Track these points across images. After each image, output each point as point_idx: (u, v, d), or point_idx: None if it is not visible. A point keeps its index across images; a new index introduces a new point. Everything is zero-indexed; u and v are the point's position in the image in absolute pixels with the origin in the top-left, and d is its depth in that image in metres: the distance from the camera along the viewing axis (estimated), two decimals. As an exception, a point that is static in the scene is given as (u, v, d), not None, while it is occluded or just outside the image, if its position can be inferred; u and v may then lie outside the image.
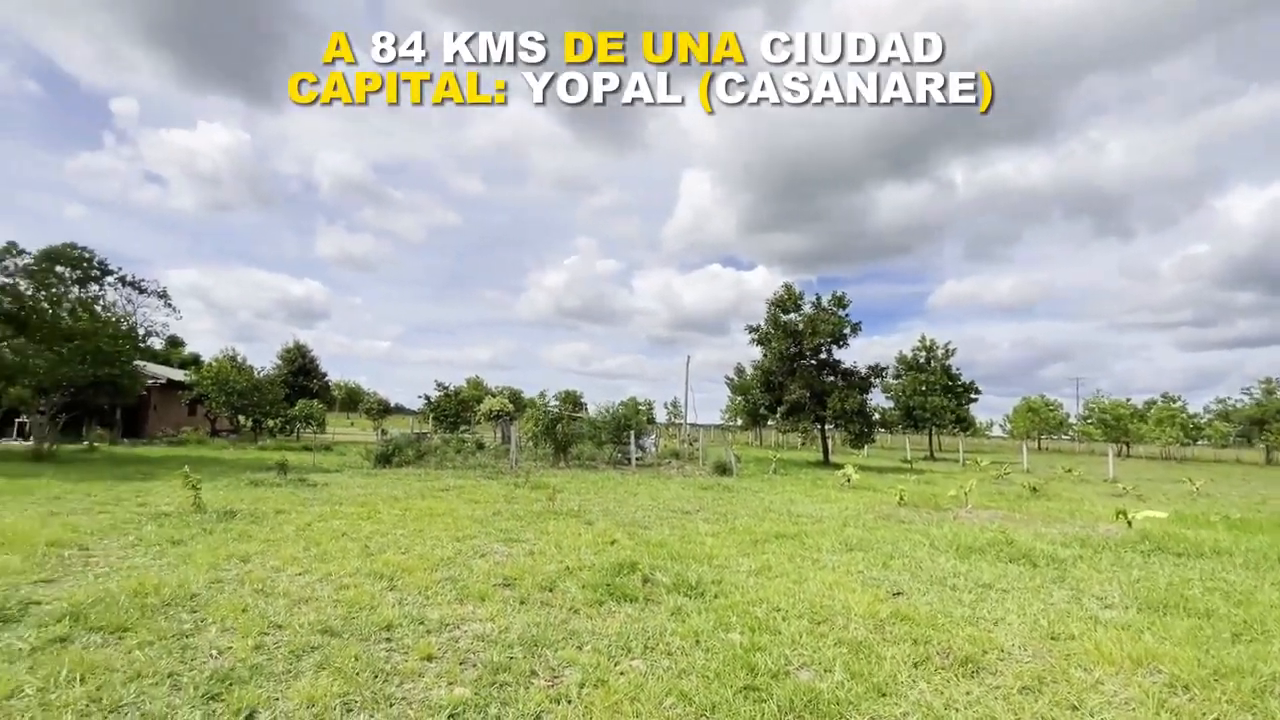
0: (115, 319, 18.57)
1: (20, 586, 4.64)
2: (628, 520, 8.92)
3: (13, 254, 18.83)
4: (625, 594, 4.96)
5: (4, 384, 15.56)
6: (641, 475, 17.03)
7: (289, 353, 48.09)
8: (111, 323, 18.04)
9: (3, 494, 9.34)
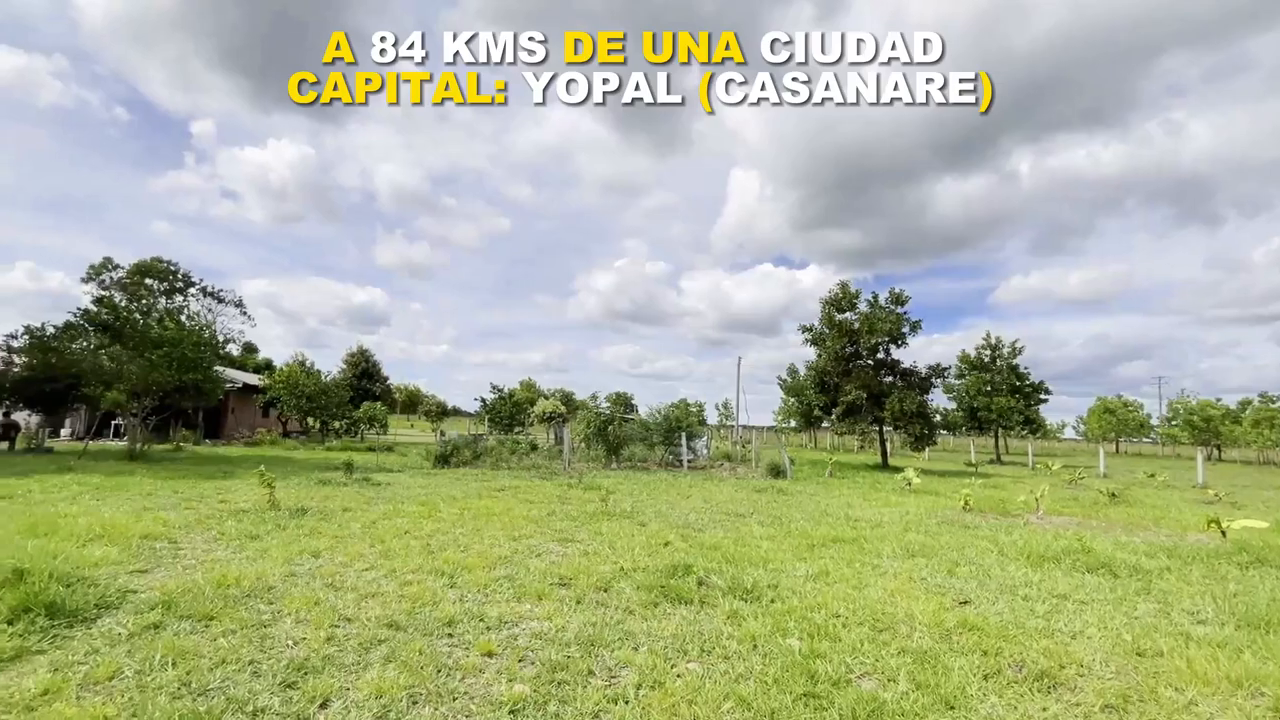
0: (198, 327, 19.85)
1: (119, 575, 5.01)
2: (681, 522, 8.89)
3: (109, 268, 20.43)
4: (680, 596, 4.94)
5: (103, 389, 16.87)
6: (693, 477, 16.95)
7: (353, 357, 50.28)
8: (194, 330, 19.30)
9: (103, 490, 10.11)
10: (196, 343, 18.58)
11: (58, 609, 3.95)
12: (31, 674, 3.19)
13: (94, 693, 3.04)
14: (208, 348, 19.55)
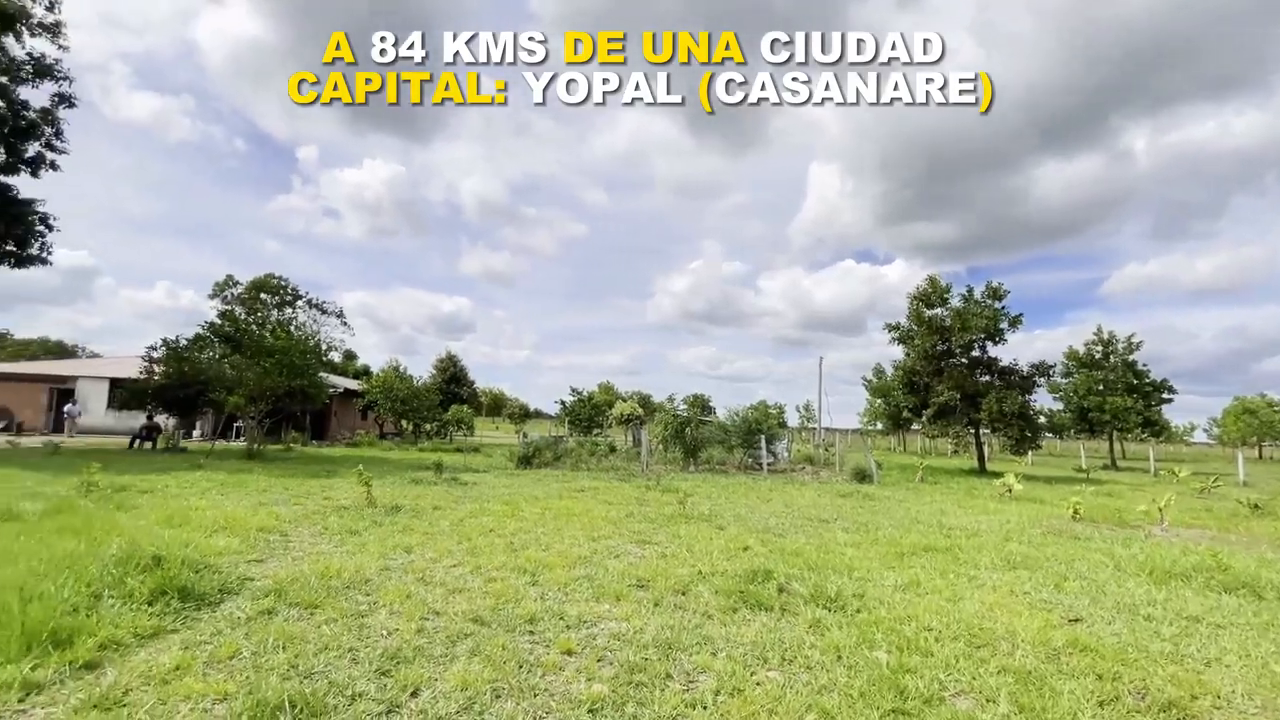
0: (305, 336, 21.52)
1: (239, 564, 5.48)
2: (760, 526, 8.71)
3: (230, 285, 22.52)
4: (760, 602, 4.83)
5: (226, 394, 18.64)
6: (774, 481, 16.59)
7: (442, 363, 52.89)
8: (302, 339, 20.96)
9: (226, 486, 11.14)
10: (303, 351, 20.15)
11: (188, 593, 4.37)
12: (166, 650, 3.54)
13: (217, 670, 3.33)
14: (313, 355, 21.15)
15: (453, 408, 37.99)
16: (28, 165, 19.61)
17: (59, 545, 5.21)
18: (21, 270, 20.54)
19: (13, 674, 3.06)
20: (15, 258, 20.00)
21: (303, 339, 21.11)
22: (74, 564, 4.55)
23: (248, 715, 2.80)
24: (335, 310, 25.18)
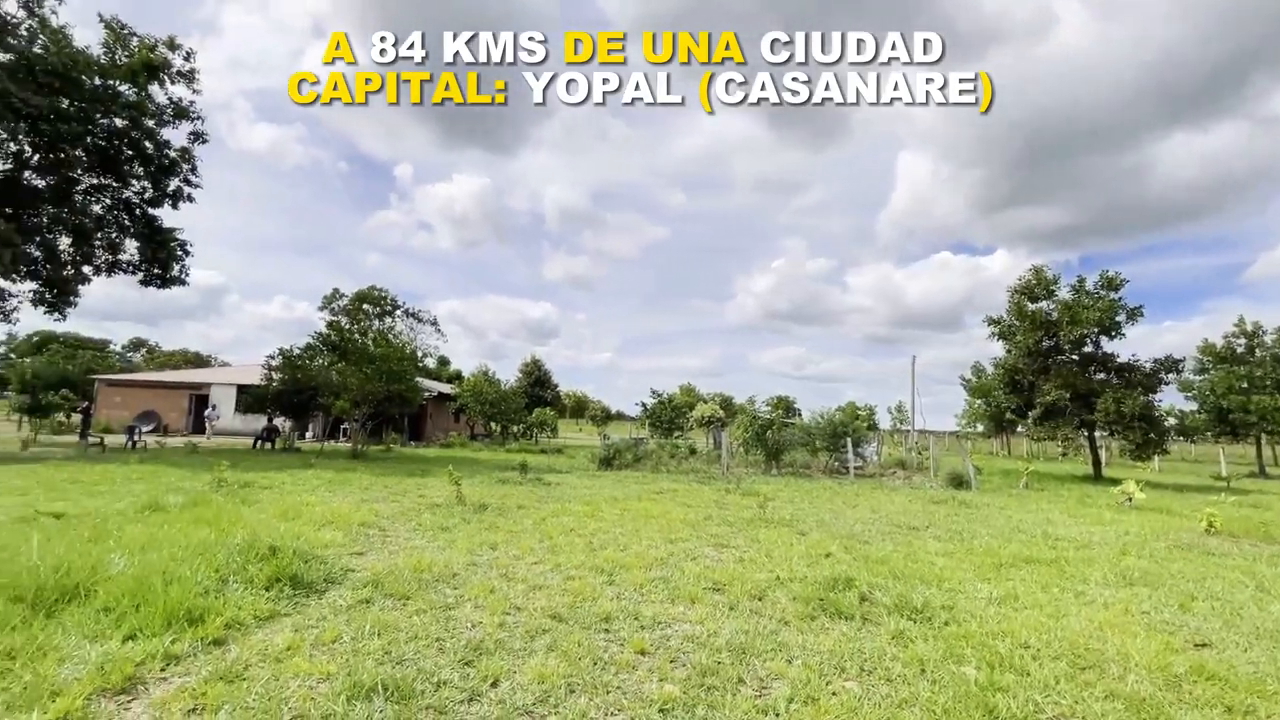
0: (402, 344, 22.92)
1: (342, 556, 5.94)
2: (845, 533, 8.42)
3: (337, 298, 24.36)
4: (840, 610, 4.68)
5: (333, 398, 20.23)
6: (861, 485, 15.97)
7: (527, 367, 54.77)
8: (399, 347, 22.32)
9: (333, 483, 12.08)
10: (401, 357, 21.48)
11: (299, 580, 4.80)
12: (280, 632, 3.90)
13: (322, 652, 3.64)
14: (409, 361, 22.49)
15: (537, 410, 39.22)
16: (170, 198, 22.15)
17: (194, 534, 5.85)
18: (166, 290, 23.24)
19: (157, 646, 3.48)
20: (161, 280, 22.63)
21: (400, 346, 22.50)
22: (206, 551, 5.10)
23: (346, 695, 3.04)
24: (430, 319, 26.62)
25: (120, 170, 21.00)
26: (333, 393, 20.19)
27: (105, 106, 19.63)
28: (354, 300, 23.02)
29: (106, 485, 10.68)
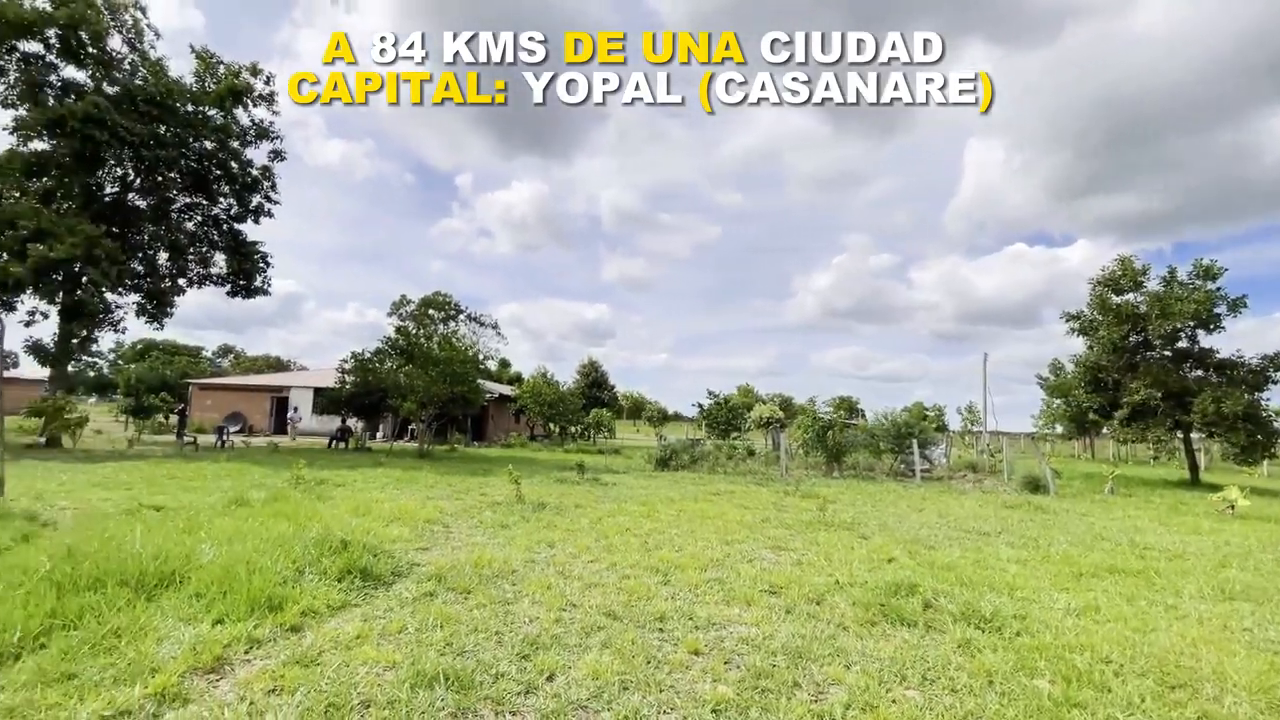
0: (465, 347, 23.69)
1: (408, 551, 6.20)
2: (909, 537, 8.13)
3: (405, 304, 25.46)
4: (902, 617, 4.53)
5: (401, 400, 21.11)
6: (928, 489, 15.36)
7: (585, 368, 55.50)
8: (462, 350, 23.08)
9: (400, 481, 12.61)
10: (463, 360, 22.21)
11: (368, 573, 5.04)
12: (350, 621, 4.11)
13: (388, 641, 3.81)
14: (472, 364, 23.23)
15: (594, 411, 39.71)
16: (252, 214, 23.73)
17: (274, 528, 6.24)
18: (250, 300, 24.86)
19: (241, 630, 3.74)
20: (246, 290, 24.26)
21: (463, 349, 23.27)
22: (284, 544, 5.43)
23: (410, 683, 3.18)
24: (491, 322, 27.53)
25: (210, 189, 22.67)
26: (401, 394, 21.09)
27: (197, 131, 21.22)
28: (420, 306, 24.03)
29: (199, 481, 11.52)
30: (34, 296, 19.51)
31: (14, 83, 19.15)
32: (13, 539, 5.41)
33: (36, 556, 4.54)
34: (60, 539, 5.31)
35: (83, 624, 3.65)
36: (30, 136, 19.37)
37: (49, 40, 18.70)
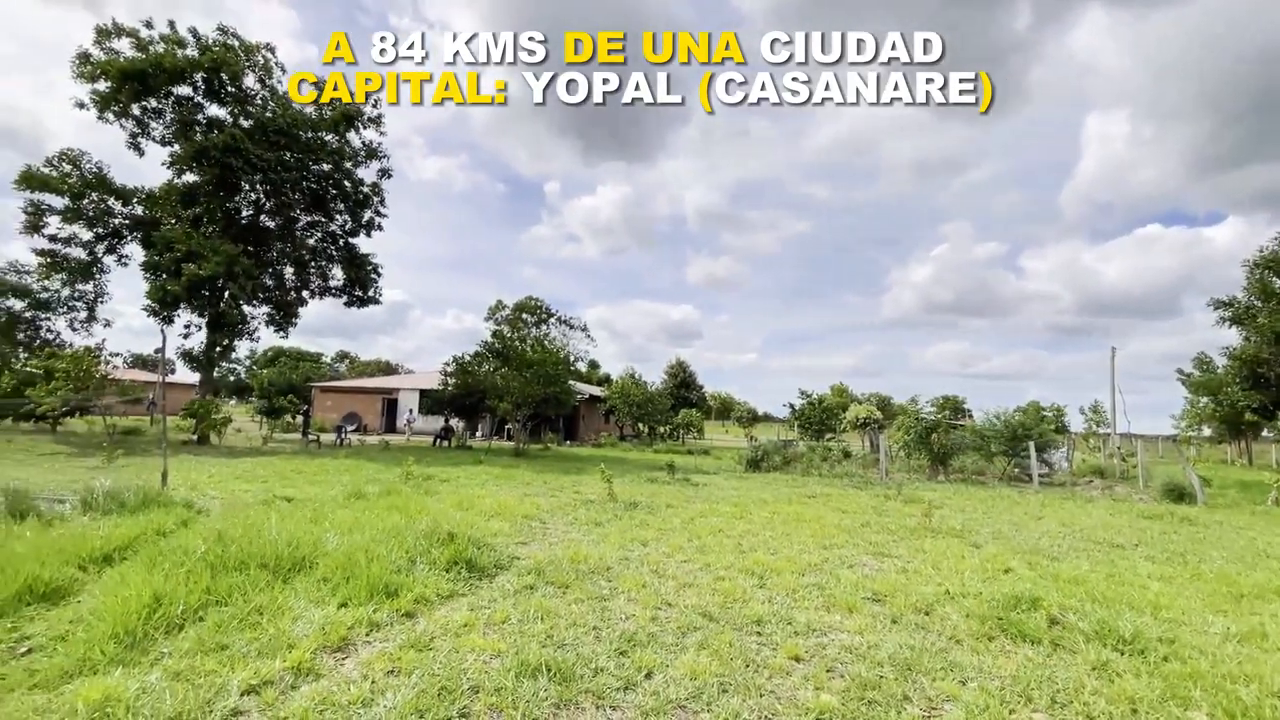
0: (556, 349, 24.43)
1: (509, 545, 6.45)
2: (1028, 547, 7.50)
3: (500, 309, 26.64)
4: (1023, 632, 4.17)
5: (498, 400, 22.08)
6: (1048, 495, 14.12)
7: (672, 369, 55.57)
8: (554, 352, 23.84)
9: (499, 478, 13.17)
10: (556, 362, 22.92)
11: (473, 565, 5.28)
12: (458, 610, 4.32)
13: (493, 631, 3.97)
14: (563, 366, 23.93)
15: (683, 412, 39.68)
16: (364, 228, 25.64)
17: (388, 519, 6.69)
18: (363, 308, 26.89)
19: (362, 614, 4.02)
20: (360, 300, 26.27)
21: (555, 352, 24.02)
22: (397, 535, 5.80)
23: (514, 672, 3.29)
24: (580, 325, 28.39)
25: (327, 207, 24.73)
26: (498, 395, 22.07)
27: (316, 155, 23.22)
28: (515, 310, 25.08)
29: (322, 476, 12.58)
30: (188, 310, 22.10)
31: (169, 123, 21.80)
32: (175, 524, 6.13)
33: (194, 540, 5.12)
34: (211, 525, 5.96)
35: (231, 601, 4.07)
36: (183, 169, 21.97)
37: (196, 83, 21.12)
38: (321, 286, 26.08)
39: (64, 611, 3.92)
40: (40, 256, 21.31)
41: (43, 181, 20.15)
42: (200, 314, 22.38)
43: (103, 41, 20.21)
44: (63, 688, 2.97)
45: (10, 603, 3.87)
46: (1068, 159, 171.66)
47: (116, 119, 21.10)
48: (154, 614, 3.72)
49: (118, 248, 22.54)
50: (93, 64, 20.03)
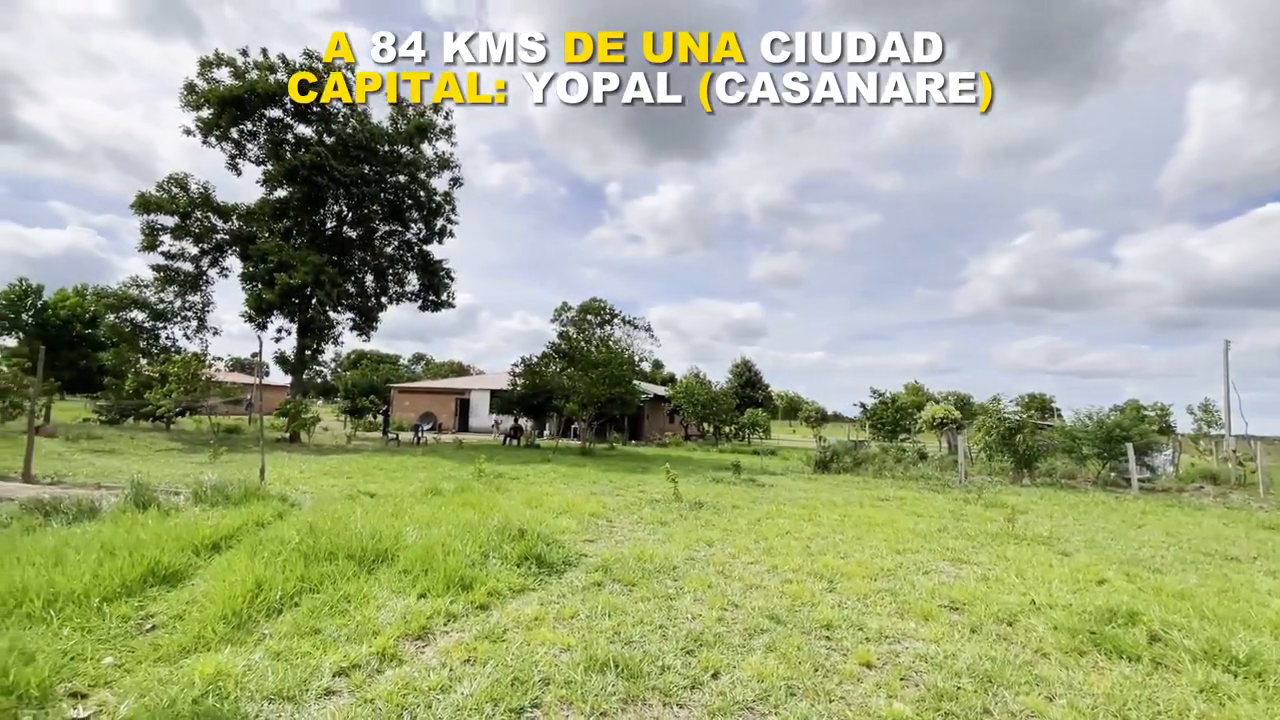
0: (621, 350, 24.68)
1: (576, 542, 6.58)
2: (1125, 557, 6.98)
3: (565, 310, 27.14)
4: (1119, 648, 3.90)
5: (565, 400, 22.54)
6: (1149, 501, 13.07)
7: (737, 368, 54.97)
8: (619, 353, 24.09)
9: (566, 477, 13.44)
10: (621, 363, 23.16)
11: (542, 560, 5.43)
12: (529, 604, 4.46)
13: (563, 625, 4.08)
14: (628, 366, 24.14)
15: (748, 411, 39.16)
16: (437, 236, 26.77)
17: (462, 515, 6.97)
18: (437, 313, 28.08)
19: (440, 605, 4.22)
20: (435, 304, 27.45)
21: (620, 352, 24.27)
22: (471, 530, 6.04)
23: (584, 666, 3.37)
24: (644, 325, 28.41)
25: (403, 217, 25.97)
26: (564, 396, 22.52)
27: (393, 167, 24.43)
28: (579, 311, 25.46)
29: (401, 472, 13.23)
30: (280, 316, 23.76)
31: (262, 144, 23.50)
32: (272, 516, 6.62)
33: (289, 531, 5.52)
34: (304, 518, 6.41)
35: (322, 589, 4.37)
36: (274, 186, 23.64)
37: (286, 105, 22.66)
38: (399, 292, 27.41)
39: (181, 593, 4.31)
40: (155, 271, 23.47)
41: (156, 203, 22.18)
42: (291, 320, 24.02)
43: (205, 72, 22.02)
44: (181, 662, 3.28)
45: (137, 583, 4.30)
46: (1168, 137, 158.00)
47: (218, 142, 22.96)
48: (256, 598, 4.04)
49: (219, 260, 24.52)
50: (197, 93, 21.87)
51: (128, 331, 23.55)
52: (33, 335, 30.47)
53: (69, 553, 4.61)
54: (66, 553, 4.60)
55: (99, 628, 3.63)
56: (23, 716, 2.67)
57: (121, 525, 5.62)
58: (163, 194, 22.45)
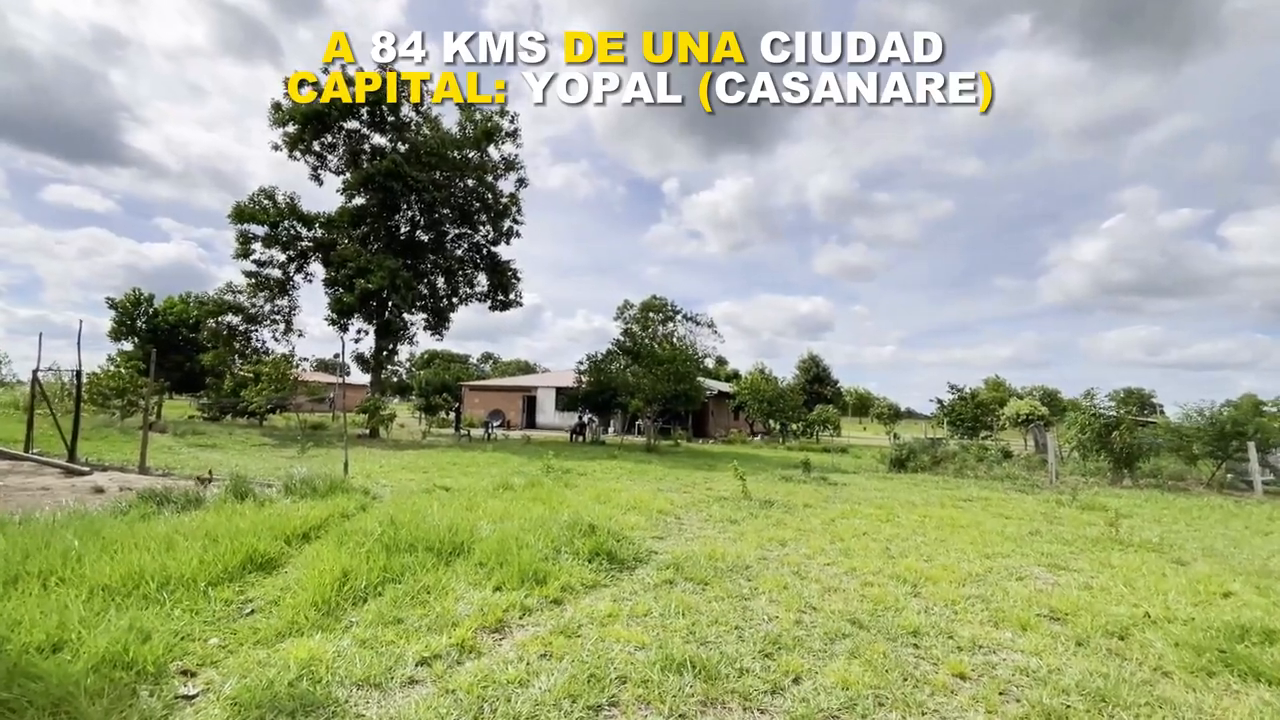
0: (684, 347, 24.57)
1: (645, 539, 6.54)
2: (1253, 567, 6.30)
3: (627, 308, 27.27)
4: (1255, 670, 3.48)
5: (629, 397, 22.65)
6: (1275, 506, 11.81)
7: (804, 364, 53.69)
8: (682, 349, 24.00)
9: (632, 473, 13.46)
10: (685, 360, 23.05)
11: (613, 557, 5.42)
12: (601, 600, 4.44)
13: (636, 623, 4.03)
14: (692, 363, 24.01)
15: (817, 408, 38.15)
16: (504, 237, 27.43)
17: (533, 510, 7.07)
18: (504, 312, 28.80)
19: (515, 598, 4.27)
20: (503, 304, 28.17)
21: (683, 349, 24.17)
22: (542, 525, 6.10)
23: (659, 665, 3.31)
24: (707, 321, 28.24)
25: (472, 220, 26.76)
26: (629, 392, 22.64)
27: (462, 172, 25.21)
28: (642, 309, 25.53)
29: (473, 468, 13.62)
30: (359, 319, 25.00)
31: (341, 154, 24.77)
32: (355, 508, 6.92)
33: (371, 523, 5.74)
34: (384, 510, 6.66)
35: (403, 579, 4.50)
36: (353, 195, 24.88)
37: (363, 117, 23.81)
38: (469, 293, 28.29)
39: (275, 580, 4.55)
40: (248, 277, 25.19)
41: (249, 214, 23.78)
42: (369, 321, 25.23)
43: (290, 91, 23.44)
44: (277, 645, 3.44)
45: (237, 569, 4.57)
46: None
47: (302, 156, 24.37)
48: (343, 587, 4.21)
49: (304, 266, 26.05)
50: (283, 111, 23.28)
51: (225, 335, 25.38)
52: (145, 340, 33.43)
53: (178, 539, 4.95)
54: (176, 539, 4.95)
55: (205, 610, 3.86)
56: (140, 691, 2.85)
57: (223, 514, 6.01)
58: (254, 205, 24.06)
